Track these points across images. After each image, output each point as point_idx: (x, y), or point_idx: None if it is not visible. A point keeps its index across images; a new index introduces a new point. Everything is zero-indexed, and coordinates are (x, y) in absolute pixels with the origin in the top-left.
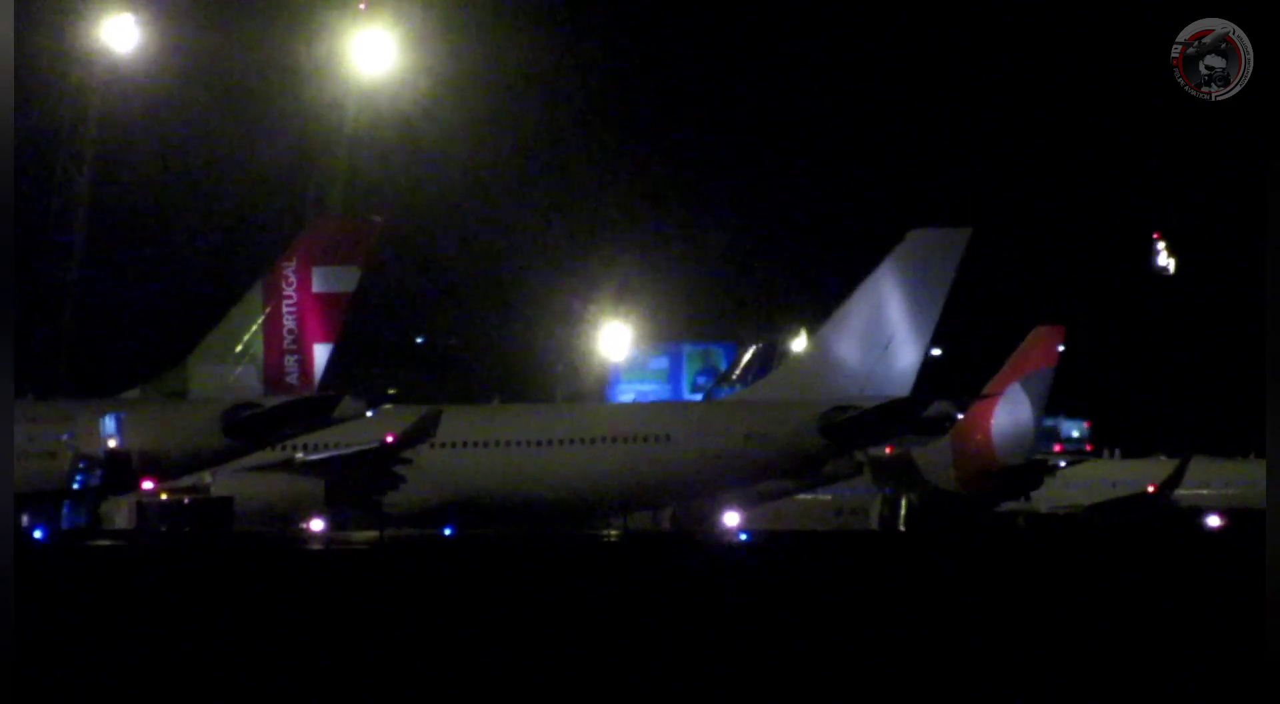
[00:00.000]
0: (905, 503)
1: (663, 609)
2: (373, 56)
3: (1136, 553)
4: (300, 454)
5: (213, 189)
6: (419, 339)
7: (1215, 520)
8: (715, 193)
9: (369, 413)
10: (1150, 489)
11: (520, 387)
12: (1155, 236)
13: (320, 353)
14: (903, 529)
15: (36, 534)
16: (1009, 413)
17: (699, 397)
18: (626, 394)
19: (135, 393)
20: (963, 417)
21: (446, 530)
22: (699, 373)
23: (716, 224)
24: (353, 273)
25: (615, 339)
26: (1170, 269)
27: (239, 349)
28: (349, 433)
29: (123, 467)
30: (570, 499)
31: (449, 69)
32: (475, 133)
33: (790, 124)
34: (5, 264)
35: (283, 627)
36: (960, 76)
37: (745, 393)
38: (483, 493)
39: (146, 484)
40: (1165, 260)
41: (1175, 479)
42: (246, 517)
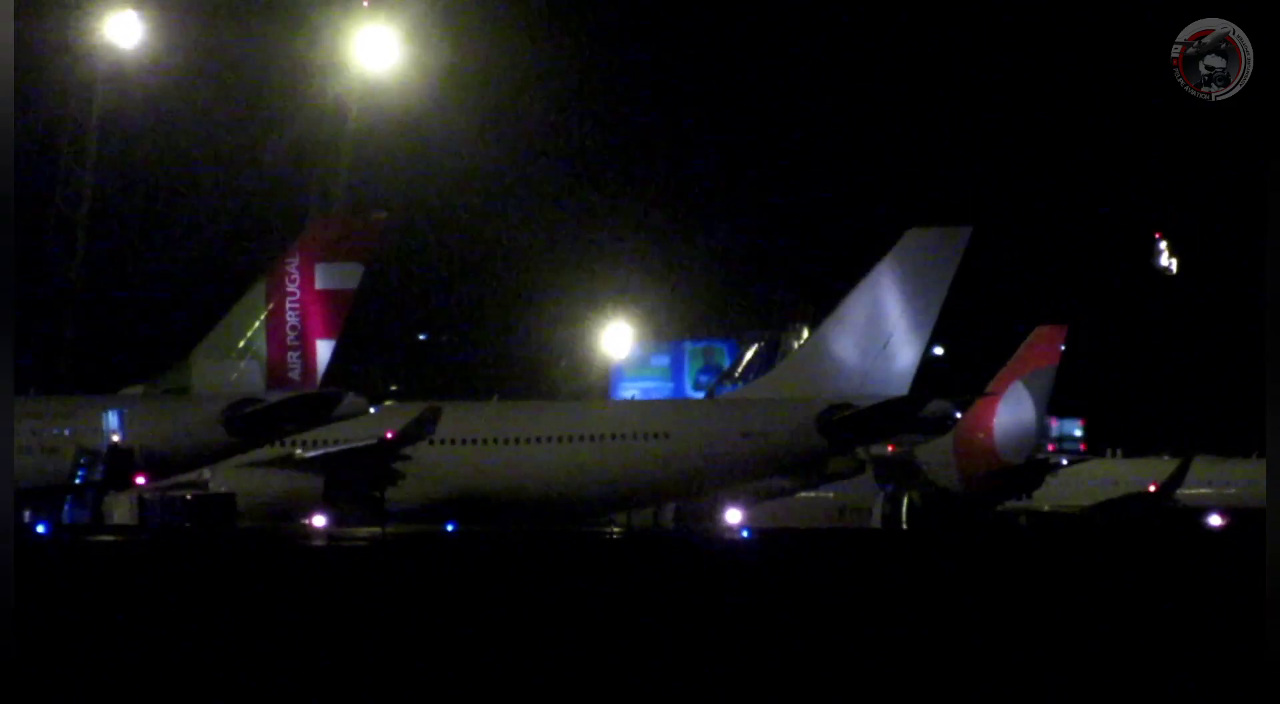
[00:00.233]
0: (907, 501)
1: (664, 607)
2: (376, 53)
3: (1138, 552)
4: (299, 450)
5: (216, 185)
6: (421, 336)
7: (1217, 520)
8: (718, 189)
9: (371, 410)
10: (1152, 488)
11: (523, 384)
12: (1157, 236)
13: (323, 349)
14: (905, 527)
15: (39, 529)
16: (1011, 412)
17: (701, 394)
18: (629, 392)
19: (138, 389)
20: (965, 415)
21: (449, 527)
22: (701, 371)
23: (719, 221)
24: (355, 269)
25: (617, 336)
26: (1172, 269)
27: (242, 345)
28: (350, 429)
29: (125, 462)
30: (568, 496)
31: (452, 66)
32: (478, 130)
33: (794, 123)
34: (6, 261)
35: (284, 623)
36: (961, 76)
37: (744, 391)
38: (480, 490)
39: (139, 480)
40: (1167, 260)
41: (1177, 478)
42: (246, 512)
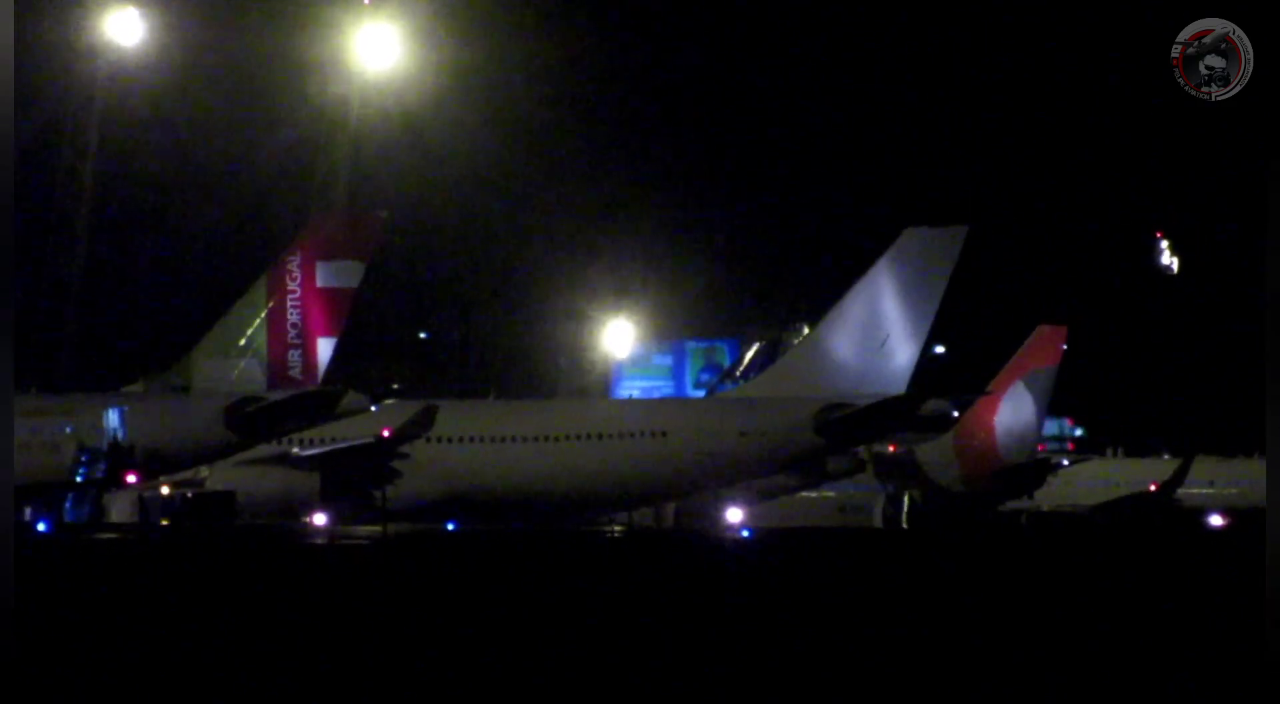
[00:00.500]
0: (908, 501)
1: (664, 607)
2: (377, 51)
3: (1139, 552)
4: (296, 448)
5: (217, 183)
6: (423, 334)
7: (1218, 519)
8: (720, 188)
9: (373, 408)
10: (1153, 488)
11: (524, 383)
12: (1158, 235)
13: (324, 347)
14: (905, 527)
15: (40, 527)
16: (1012, 411)
17: (702, 393)
18: (630, 390)
19: (139, 386)
20: (966, 415)
21: (450, 525)
22: (703, 369)
23: (721, 220)
24: (357, 268)
25: (619, 335)
26: (1173, 268)
27: (243, 343)
28: (346, 427)
29: (126, 460)
30: (566, 494)
31: (453, 64)
32: (479, 128)
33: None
34: (5, 259)
35: (285, 621)
36: (961, 76)
37: (741, 390)
38: (478, 488)
39: (130, 478)
40: (1168, 259)
41: (1178, 478)
42: (243, 510)
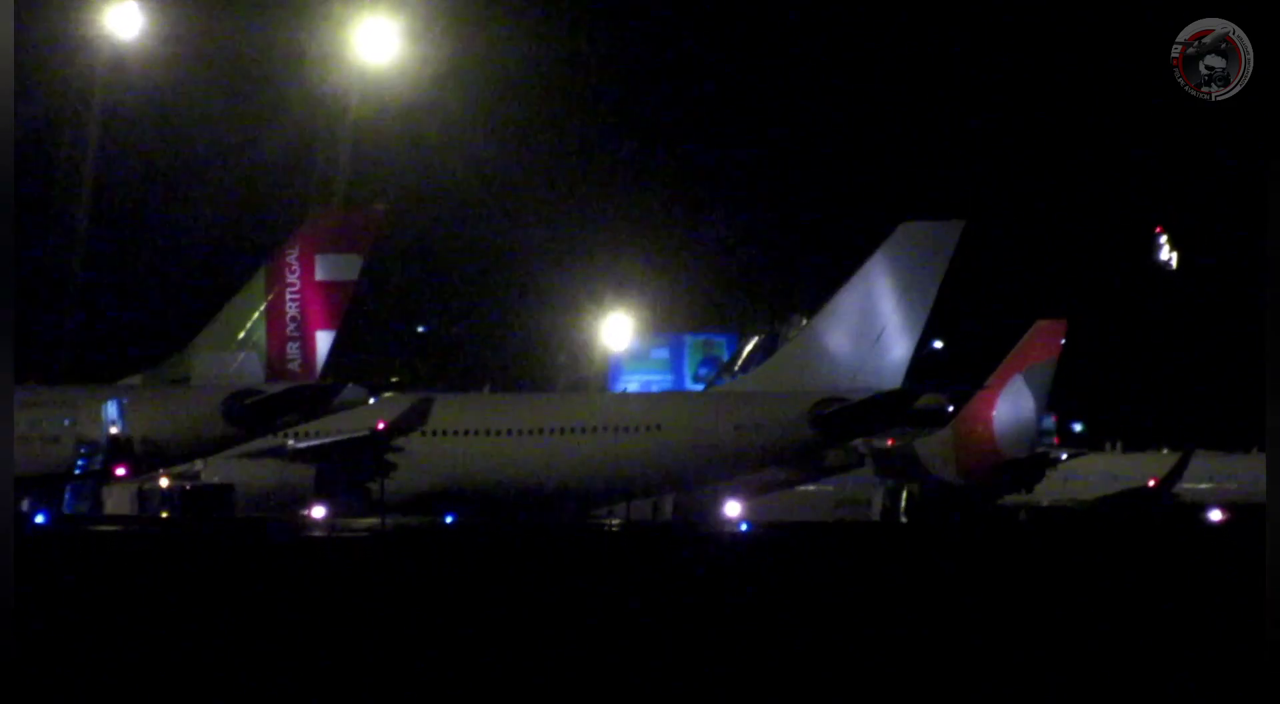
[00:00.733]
0: (907, 495)
1: (663, 602)
2: (376, 45)
3: (1138, 547)
4: (291, 441)
5: (216, 176)
6: (421, 328)
7: (1217, 514)
8: (718, 181)
9: (371, 401)
10: (1152, 483)
11: (522, 376)
12: (1158, 231)
13: (322, 340)
14: (904, 521)
15: (38, 519)
16: (1011, 406)
17: (701, 387)
18: (629, 384)
19: (137, 379)
20: (965, 409)
21: (448, 518)
22: (701, 363)
23: (720, 213)
24: (355, 261)
25: (617, 329)
26: (1173, 264)
27: (241, 336)
28: (342, 420)
29: (124, 452)
30: (560, 488)
31: (452, 58)
32: (478, 122)
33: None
34: (6, 252)
35: (283, 614)
36: (962, 76)
37: (737, 383)
38: (472, 481)
39: (120, 471)
40: (1167, 255)
41: (1177, 473)
42: (239, 503)
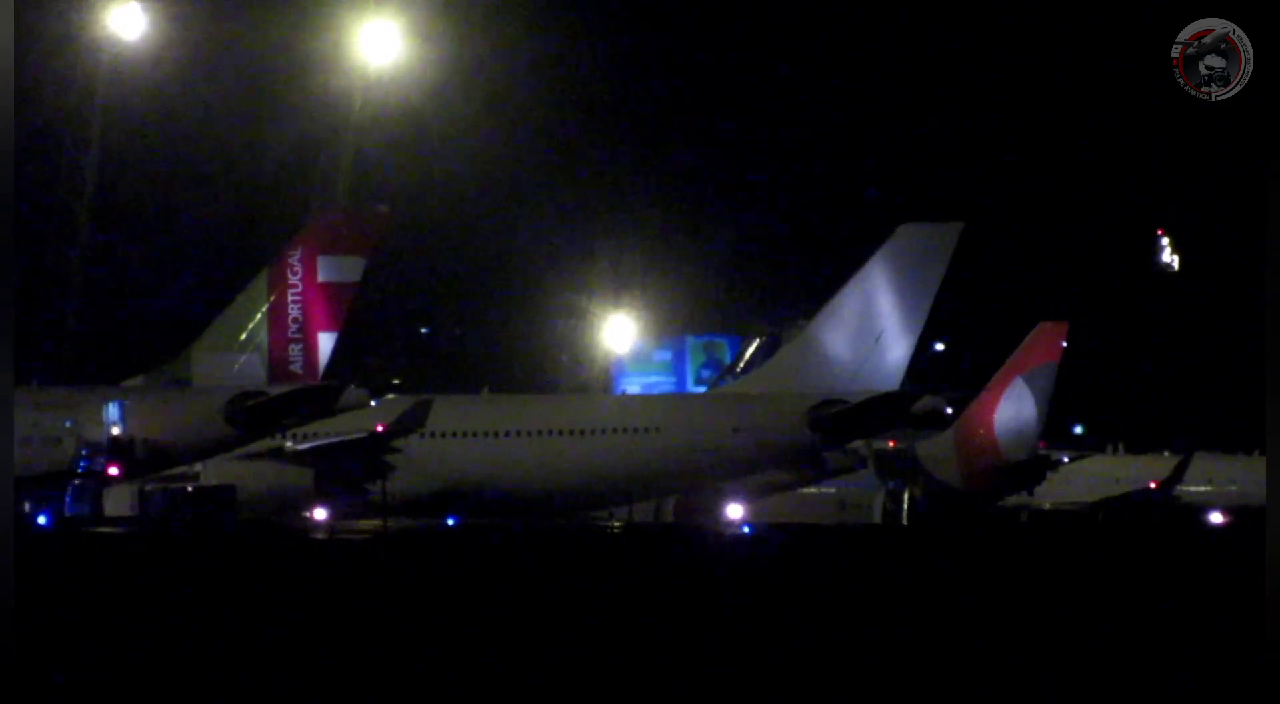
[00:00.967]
0: (908, 497)
1: (664, 603)
2: (379, 46)
3: (1139, 549)
4: (290, 443)
5: (218, 177)
6: (424, 329)
7: (1218, 517)
8: (721, 183)
9: (373, 403)
10: (1153, 485)
11: (525, 378)
12: (1159, 233)
13: (325, 342)
14: (906, 524)
15: (40, 521)
16: (1012, 408)
17: (703, 389)
18: (631, 386)
19: (139, 380)
20: (967, 411)
21: (450, 521)
22: (703, 365)
23: (722, 215)
24: (358, 262)
25: (619, 331)
26: (1174, 266)
27: (243, 337)
28: (341, 422)
29: (125, 454)
30: (558, 489)
31: (455, 60)
32: (481, 123)
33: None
34: (6, 252)
35: (283, 616)
36: (963, 76)
37: (736, 385)
38: (471, 483)
39: (112, 470)
40: (1169, 257)
41: (1178, 475)
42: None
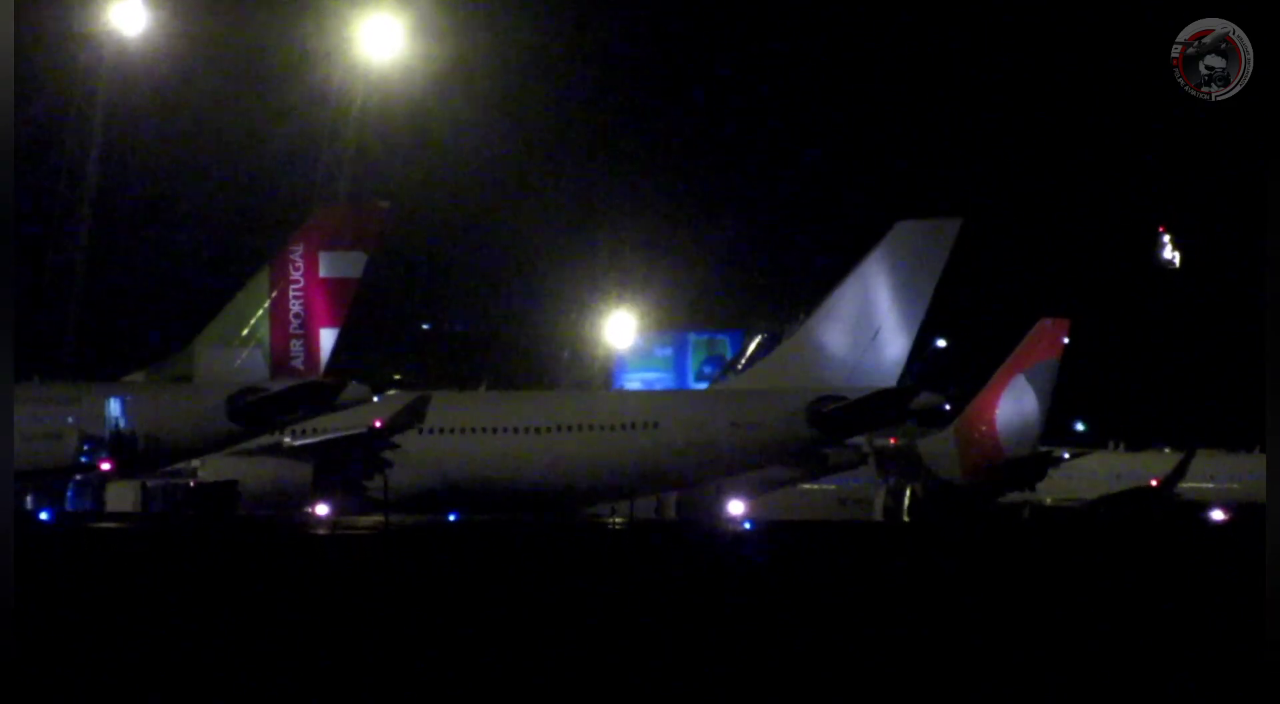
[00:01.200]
0: (909, 493)
1: (664, 600)
2: (381, 41)
3: (1140, 546)
4: (288, 439)
5: (220, 173)
6: (425, 325)
7: (1219, 514)
8: (723, 179)
9: (375, 398)
10: (1154, 482)
11: (526, 374)
12: (1160, 230)
13: (326, 337)
14: (906, 520)
15: (42, 517)
16: (1014, 405)
17: (704, 385)
18: (632, 382)
19: (141, 376)
20: (968, 408)
21: (451, 516)
22: (705, 361)
23: (724, 211)
24: (359, 258)
25: (620, 327)
26: (1175, 263)
27: (245, 333)
28: (339, 418)
29: (127, 449)
30: (556, 485)
31: (457, 55)
32: (483, 119)
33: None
34: (5, 252)
35: (285, 613)
36: (964, 76)
37: (734, 382)
38: (469, 478)
39: (104, 466)
40: (1170, 254)
41: (1179, 473)
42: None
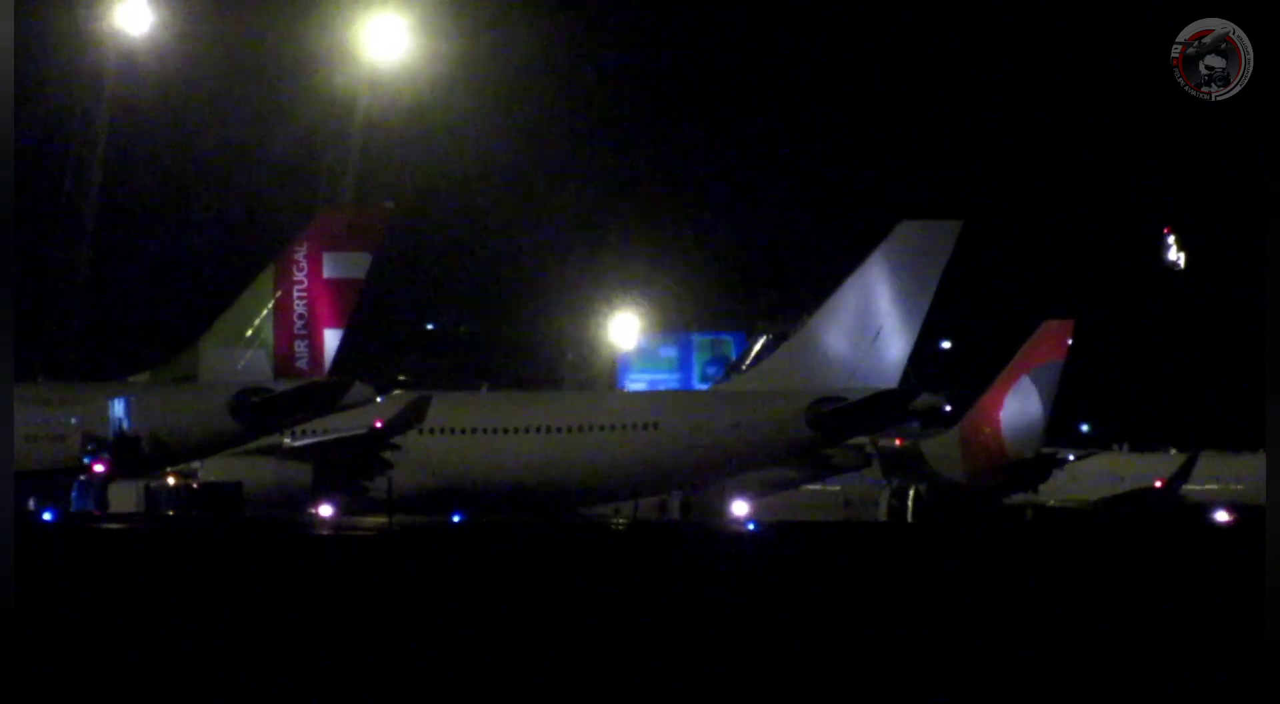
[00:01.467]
0: (913, 494)
1: (666, 601)
2: (386, 42)
3: (1144, 548)
4: (289, 439)
5: (225, 174)
6: (429, 326)
7: (1223, 515)
8: (727, 180)
9: (379, 399)
10: (1158, 484)
11: (530, 375)
12: (1165, 231)
13: (330, 338)
14: (910, 521)
15: (45, 517)
16: (1018, 406)
17: (708, 386)
18: (636, 383)
19: (145, 377)
20: (972, 409)
21: (455, 517)
22: (709, 362)
23: (728, 212)
24: (364, 259)
25: (624, 328)
26: (1180, 264)
27: (249, 334)
28: (340, 418)
29: (131, 450)
30: (557, 486)
31: (461, 56)
32: (487, 120)
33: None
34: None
35: (287, 614)
36: (965, 77)
37: (735, 382)
38: (470, 479)
39: (98, 467)
40: (1175, 255)
41: (1183, 474)
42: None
